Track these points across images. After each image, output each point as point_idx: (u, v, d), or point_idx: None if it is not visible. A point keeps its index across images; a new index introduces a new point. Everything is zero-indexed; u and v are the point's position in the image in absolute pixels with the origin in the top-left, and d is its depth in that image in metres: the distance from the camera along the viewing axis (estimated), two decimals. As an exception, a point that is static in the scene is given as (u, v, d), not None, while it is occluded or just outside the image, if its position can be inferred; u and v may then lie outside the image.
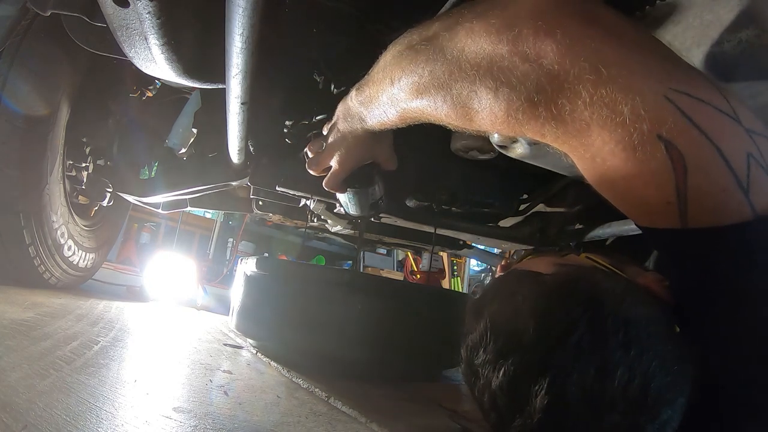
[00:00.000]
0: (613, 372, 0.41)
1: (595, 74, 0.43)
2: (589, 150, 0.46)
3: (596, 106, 0.43)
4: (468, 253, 1.80)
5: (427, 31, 0.56)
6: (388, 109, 0.64)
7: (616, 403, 0.41)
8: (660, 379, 0.42)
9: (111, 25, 0.71)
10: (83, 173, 1.55)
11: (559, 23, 0.44)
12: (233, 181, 1.28)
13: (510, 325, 0.47)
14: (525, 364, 0.44)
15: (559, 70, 0.44)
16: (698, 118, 0.42)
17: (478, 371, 0.48)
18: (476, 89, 0.49)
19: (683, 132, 0.42)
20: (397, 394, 1.05)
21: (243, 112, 0.85)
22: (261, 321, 1.24)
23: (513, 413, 0.44)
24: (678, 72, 0.45)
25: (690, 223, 0.44)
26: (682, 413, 0.43)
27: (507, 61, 0.46)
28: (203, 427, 0.62)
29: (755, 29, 0.53)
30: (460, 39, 0.50)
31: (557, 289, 0.48)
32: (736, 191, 0.43)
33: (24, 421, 0.50)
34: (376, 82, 0.65)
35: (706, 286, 0.46)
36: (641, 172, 0.44)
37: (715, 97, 0.44)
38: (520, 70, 0.46)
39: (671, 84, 0.43)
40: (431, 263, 3.40)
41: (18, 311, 1.03)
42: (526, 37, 0.45)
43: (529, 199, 1.22)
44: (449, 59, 0.51)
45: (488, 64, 0.48)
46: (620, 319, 0.43)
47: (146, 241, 4.08)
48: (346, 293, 1.12)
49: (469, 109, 0.51)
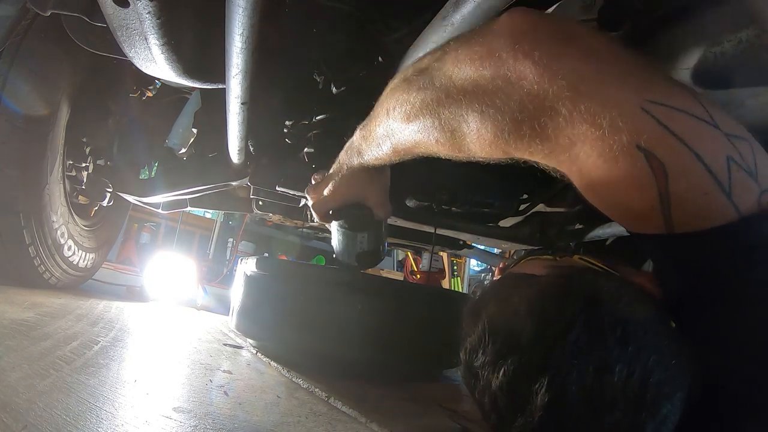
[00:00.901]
0: (612, 369, 0.41)
1: (573, 91, 0.45)
2: (574, 164, 0.48)
3: (576, 122, 0.45)
4: (468, 253, 1.80)
5: (420, 63, 0.60)
6: (384, 141, 0.67)
7: (616, 400, 0.41)
8: (658, 374, 0.42)
9: (111, 25, 0.71)
10: (83, 173, 1.54)
11: (537, 45, 0.47)
12: (233, 181, 1.28)
13: (507, 326, 0.47)
14: (524, 364, 0.44)
15: (538, 90, 0.46)
16: (675, 126, 0.44)
17: (478, 373, 0.48)
18: (464, 113, 0.52)
19: (661, 140, 0.44)
20: (397, 394, 1.05)
21: (243, 112, 0.85)
22: (261, 321, 1.24)
23: (514, 413, 0.44)
24: (654, 84, 0.47)
25: (676, 228, 0.45)
26: (682, 408, 0.43)
27: (491, 84, 0.49)
28: (203, 427, 0.62)
29: (755, 29, 0.53)
30: (448, 67, 0.53)
31: (553, 288, 0.49)
32: (718, 194, 0.44)
33: (24, 421, 0.50)
34: (375, 116, 0.68)
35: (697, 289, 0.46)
36: (624, 181, 0.46)
37: (692, 105, 0.46)
38: (503, 92, 0.48)
39: (647, 95, 0.45)
40: (431, 263, 3.40)
41: (18, 311, 1.03)
42: (506, 60, 0.47)
43: (529, 199, 1.22)
44: (438, 87, 0.54)
45: (474, 88, 0.50)
46: (617, 317, 0.44)
47: (146, 241, 4.08)
48: (346, 293, 1.12)
49: (459, 134, 0.54)
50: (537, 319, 0.46)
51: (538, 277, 0.53)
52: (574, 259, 0.59)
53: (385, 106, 0.64)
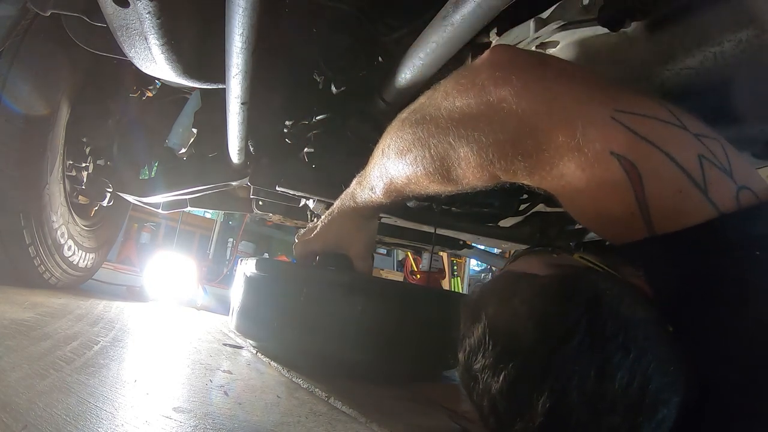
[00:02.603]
0: (614, 375, 0.41)
1: (548, 107, 0.49)
2: (555, 178, 0.51)
3: (553, 136, 0.48)
4: (468, 253, 1.80)
5: (415, 104, 0.65)
6: (378, 183, 0.71)
7: (616, 405, 0.41)
8: (658, 380, 0.42)
9: (111, 25, 0.71)
10: (83, 173, 1.54)
11: (514, 71, 0.52)
12: (233, 181, 1.28)
13: (508, 329, 0.47)
14: (525, 369, 0.44)
15: (516, 109, 0.50)
16: (644, 131, 0.47)
17: (477, 376, 0.48)
18: (452, 140, 0.56)
19: (632, 145, 0.46)
20: (397, 394, 1.05)
21: (243, 112, 0.85)
22: (261, 321, 1.23)
23: (513, 418, 0.44)
24: (621, 96, 0.50)
25: (657, 229, 0.47)
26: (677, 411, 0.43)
27: (474, 109, 0.53)
28: (203, 427, 0.62)
29: (755, 29, 0.53)
30: (438, 100, 0.59)
31: (555, 291, 0.49)
32: (693, 191, 0.45)
33: (24, 421, 0.50)
34: (371, 159, 0.73)
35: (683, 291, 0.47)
36: (603, 188, 0.48)
37: (659, 111, 0.49)
38: (486, 116, 0.52)
39: (616, 105, 0.48)
40: (431, 263, 3.40)
41: (18, 311, 1.03)
42: (487, 87, 0.52)
43: (529, 199, 1.21)
44: (428, 119, 0.59)
45: (460, 116, 0.55)
46: (619, 322, 0.44)
47: (146, 241, 4.09)
48: (346, 294, 1.12)
49: (447, 162, 0.58)
50: (538, 322, 0.45)
51: (539, 277, 0.52)
52: (574, 258, 0.59)
53: (380, 147, 0.69)
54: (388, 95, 0.88)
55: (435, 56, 0.68)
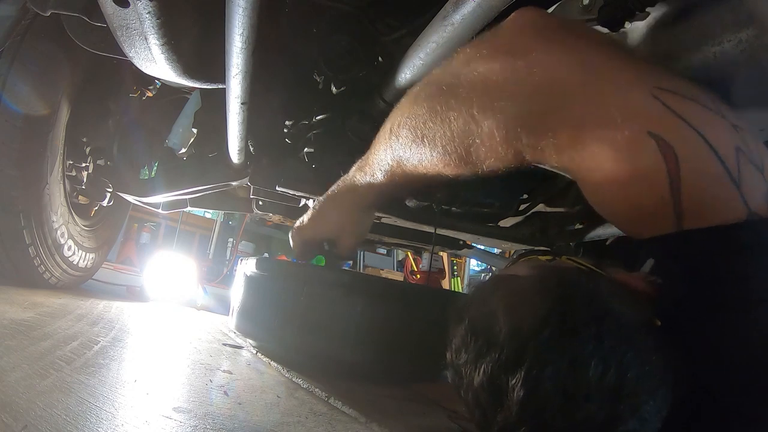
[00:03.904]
0: (587, 364, 0.41)
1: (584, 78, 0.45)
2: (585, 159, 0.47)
3: (587, 107, 0.45)
4: (468, 253, 1.80)
5: (428, 77, 0.59)
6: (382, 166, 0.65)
7: (591, 395, 0.41)
8: (636, 369, 0.42)
9: (111, 25, 0.71)
10: (83, 173, 1.54)
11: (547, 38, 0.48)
12: (233, 181, 1.28)
13: (486, 325, 0.48)
14: (501, 360, 0.44)
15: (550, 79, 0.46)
16: (685, 113, 0.44)
17: (462, 371, 0.49)
18: (474, 112, 0.50)
19: (672, 126, 0.43)
20: (397, 394, 1.05)
21: (243, 112, 0.85)
22: (261, 321, 1.24)
23: (494, 409, 0.45)
24: (662, 73, 0.47)
25: (685, 219, 0.45)
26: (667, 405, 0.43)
27: (501, 77, 0.48)
28: (203, 427, 0.62)
29: (755, 29, 0.53)
30: (455, 68, 0.53)
31: (529, 287, 0.49)
32: (727, 183, 0.43)
33: (24, 421, 0.50)
34: (375, 142, 0.66)
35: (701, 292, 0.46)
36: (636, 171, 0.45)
37: (700, 94, 0.46)
38: (514, 84, 0.48)
39: (657, 83, 0.45)
40: (431, 263, 3.40)
41: (18, 311, 1.03)
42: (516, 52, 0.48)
43: (529, 199, 1.21)
44: (446, 91, 0.53)
45: (483, 84, 0.50)
46: (593, 313, 0.44)
47: (146, 241, 4.08)
48: (346, 294, 1.12)
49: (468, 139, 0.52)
50: (512, 316, 0.46)
51: (518, 277, 0.53)
52: (561, 260, 0.59)
53: (387, 126, 0.62)
54: (388, 95, 0.88)
55: (435, 56, 0.68)
